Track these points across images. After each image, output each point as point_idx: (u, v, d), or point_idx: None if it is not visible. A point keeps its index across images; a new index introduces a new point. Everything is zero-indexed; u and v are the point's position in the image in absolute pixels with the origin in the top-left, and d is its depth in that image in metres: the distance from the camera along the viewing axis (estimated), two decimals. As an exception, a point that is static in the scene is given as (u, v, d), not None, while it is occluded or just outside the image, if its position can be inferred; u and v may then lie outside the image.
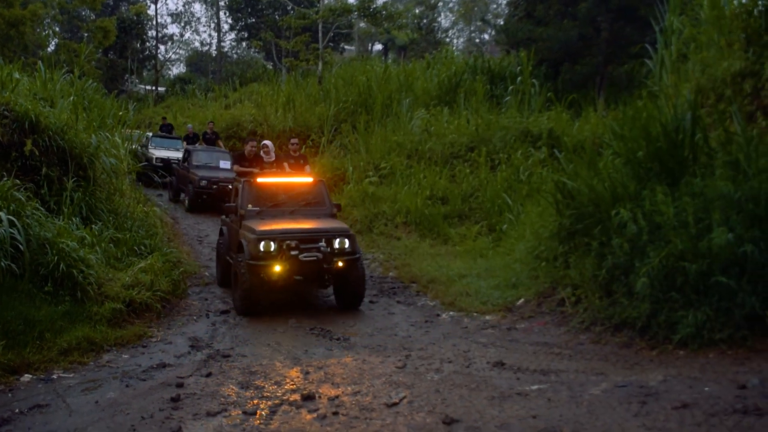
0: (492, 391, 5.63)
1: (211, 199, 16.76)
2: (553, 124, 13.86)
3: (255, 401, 5.68)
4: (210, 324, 8.44)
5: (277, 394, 5.84)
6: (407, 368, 6.48)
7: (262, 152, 11.17)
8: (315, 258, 8.61)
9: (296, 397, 5.73)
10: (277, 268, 8.53)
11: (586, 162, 8.45)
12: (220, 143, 20.72)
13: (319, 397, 5.71)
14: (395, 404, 5.45)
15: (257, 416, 5.32)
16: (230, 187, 16.10)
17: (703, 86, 8.69)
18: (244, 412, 5.40)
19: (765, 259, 5.92)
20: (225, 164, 17.74)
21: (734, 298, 5.96)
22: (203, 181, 16.97)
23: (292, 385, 6.09)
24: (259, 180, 9.83)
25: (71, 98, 11.83)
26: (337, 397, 5.71)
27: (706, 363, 5.75)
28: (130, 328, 7.77)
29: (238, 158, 11.11)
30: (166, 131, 23.35)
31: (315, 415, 5.30)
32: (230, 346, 7.47)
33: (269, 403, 5.63)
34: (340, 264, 8.75)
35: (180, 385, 6.06)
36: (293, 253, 8.58)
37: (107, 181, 11.04)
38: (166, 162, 20.31)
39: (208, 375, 6.40)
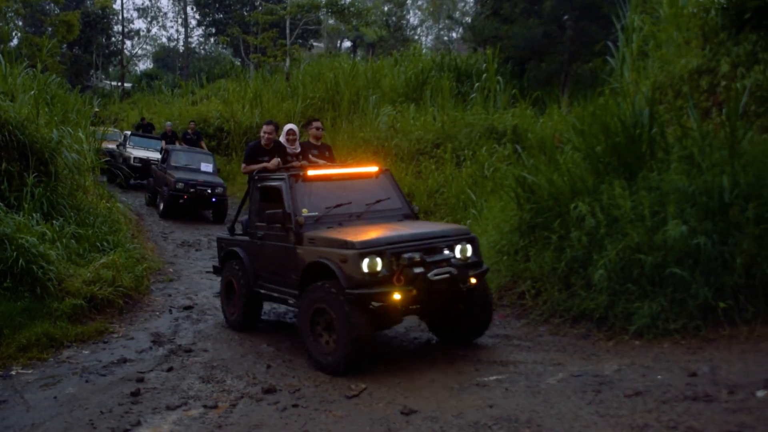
0: (451, 382, 5.70)
1: (188, 204, 15.62)
2: (518, 121, 13.97)
3: (216, 395, 5.70)
4: (173, 320, 8.38)
5: (238, 388, 5.85)
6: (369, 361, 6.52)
7: (284, 140, 8.35)
8: (448, 275, 6.13)
9: (257, 390, 5.75)
10: (397, 297, 5.92)
11: (546, 157, 8.57)
12: (203, 144, 19.29)
13: (280, 389, 5.74)
14: (355, 396, 5.50)
15: (217, 409, 5.34)
16: (208, 192, 15.41)
17: (661, 83, 8.87)
18: (204, 406, 5.42)
19: (717, 251, 6.07)
20: (207, 167, 16.59)
21: (688, 289, 6.09)
22: (179, 184, 15.35)
23: (254, 378, 6.11)
24: (311, 173, 7.15)
25: (33, 93, 11.66)
26: (298, 389, 5.74)
27: (660, 352, 5.88)
28: (91, 324, 7.70)
29: (253, 150, 8.02)
30: (146, 131, 22.12)
31: (275, 407, 5.33)
32: (192, 341, 7.44)
33: (230, 396, 5.65)
34: (473, 281, 6.45)
35: (140, 380, 6.06)
36: (416, 270, 6.01)
37: (69, 177, 10.90)
38: (145, 162, 18.91)
39: (169, 370, 6.39)
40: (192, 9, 44.17)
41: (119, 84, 41.63)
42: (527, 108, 14.85)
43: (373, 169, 7.63)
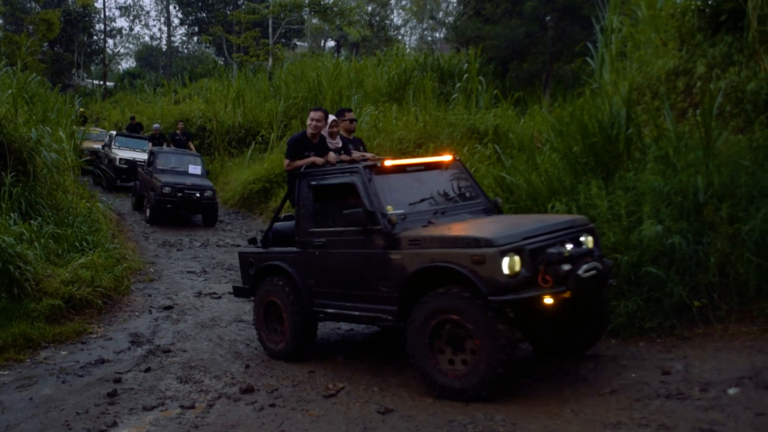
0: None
1: (176, 209, 15.04)
2: (500, 121, 14.02)
3: (193, 395, 5.69)
4: (152, 320, 8.36)
5: (216, 388, 5.85)
6: (347, 361, 6.54)
7: (326, 132, 7.27)
8: (595, 272, 5.26)
9: (235, 390, 5.75)
10: (549, 301, 5.02)
11: (525, 157, 8.63)
12: (192, 146, 18.50)
13: (258, 389, 5.75)
14: (333, 395, 5.52)
15: (194, 410, 5.33)
16: (197, 195, 14.91)
17: (639, 84, 8.95)
18: (182, 406, 5.41)
19: (692, 250, 6.13)
20: (196, 169, 15.99)
21: (663, 288, 6.15)
22: (167, 188, 14.67)
23: (232, 378, 6.11)
24: (388, 163, 6.20)
25: (11, 91, 11.56)
26: (276, 389, 5.75)
27: (636, 351, 5.94)
28: (69, 325, 7.68)
29: (297, 143, 6.90)
30: (134, 131, 21.42)
31: (252, 407, 5.33)
32: (171, 341, 7.43)
33: (207, 396, 5.65)
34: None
35: (117, 381, 6.05)
36: (564, 268, 5.12)
37: (49, 177, 10.83)
38: (131, 164, 18.38)
39: (147, 370, 6.38)
40: (174, 8, 43.95)
41: (101, 83, 41.34)
42: (509, 108, 14.91)
43: (447, 158, 6.69)
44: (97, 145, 20.63)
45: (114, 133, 20.80)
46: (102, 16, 43.62)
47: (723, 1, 7.99)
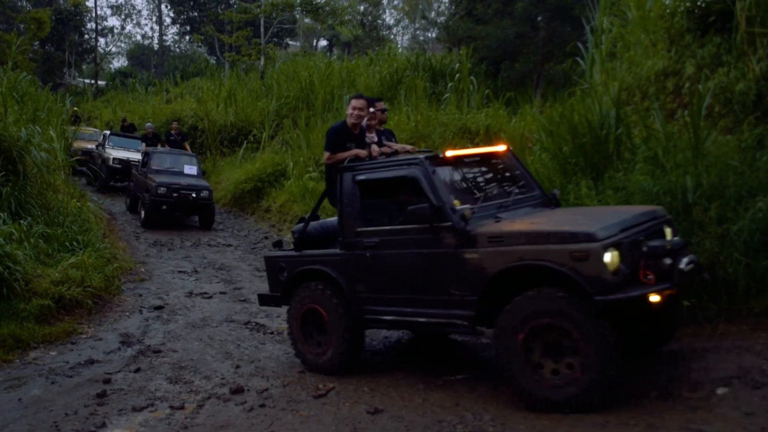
0: (418, 381, 5.73)
1: (171, 211, 14.78)
2: (491, 121, 14.06)
3: (183, 396, 5.69)
4: (143, 320, 8.34)
5: (206, 389, 5.85)
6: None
7: (364, 124, 6.70)
8: (693, 266, 4.87)
9: (225, 390, 5.75)
10: (655, 299, 4.57)
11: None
12: (187, 146, 18.12)
13: (248, 390, 5.75)
14: (322, 395, 5.52)
15: (184, 410, 5.33)
16: (192, 196, 14.45)
17: (629, 84, 8.97)
18: (171, 407, 5.41)
19: (680, 250, 6.15)
20: (191, 170, 15.69)
21: (652, 288, 6.16)
22: (161, 188, 14.37)
23: (222, 379, 6.10)
24: (449, 154, 5.66)
25: (0, 90, 11.50)
26: (266, 389, 5.75)
27: (625, 351, 5.95)
28: (59, 325, 7.65)
29: (339, 134, 6.36)
30: (127, 132, 21.21)
31: (242, 407, 5.33)
32: (162, 341, 7.41)
33: (197, 397, 5.64)
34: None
35: (107, 381, 6.03)
36: (666, 262, 4.71)
37: (39, 176, 10.79)
38: (125, 164, 18.06)
39: (137, 371, 6.36)
40: (166, 7, 43.88)
41: (93, 82, 41.22)
42: (500, 108, 14.95)
43: (501, 148, 6.24)
44: (91, 145, 20.44)
45: (108, 132, 20.54)
46: (93, 14, 43.54)
47: (712, 2, 8.02)
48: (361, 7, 40.09)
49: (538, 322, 4.67)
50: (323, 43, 46.73)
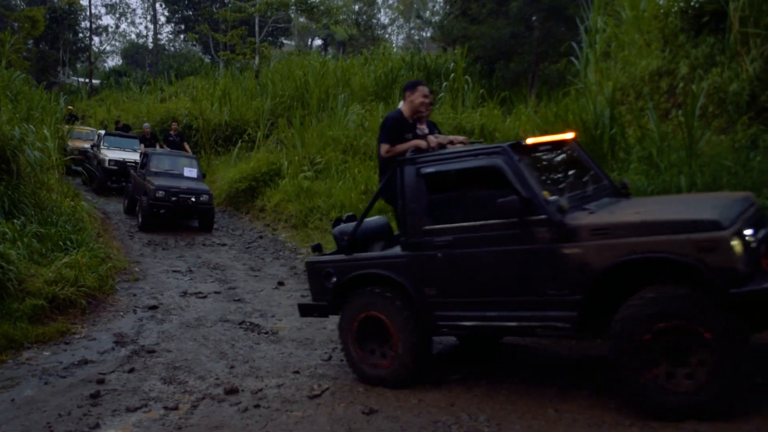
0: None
1: (170, 214, 14.36)
2: (486, 121, 14.09)
3: (177, 396, 5.66)
4: (137, 320, 8.31)
5: (200, 389, 5.83)
6: (333, 360, 6.54)
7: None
8: None
9: (219, 391, 5.73)
10: None
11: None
12: (187, 147, 17.77)
13: (243, 390, 5.73)
14: (317, 396, 5.51)
15: (178, 411, 5.31)
16: (192, 200, 13.89)
17: (623, 84, 9.02)
18: (165, 407, 5.38)
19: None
20: (191, 172, 15.23)
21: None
22: (160, 192, 13.86)
23: (216, 379, 6.08)
24: (530, 141, 5.22)
25: (-7, 89, 11.52)
26: (260, 390, 5.74)
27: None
28: (52, 325, 7.61)
29: (397, 124, 5.92)
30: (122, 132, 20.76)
31: (236, 408, 5.31)
32: (156, 341, 7.39)
33: (191, 397, 5.62)
34: None
35: (101, 382, 6.00)
36: None
37: (32, 175, 10.76)
38: (121, 165, 17.66)
39: (131, 371, 6.34)
40: (161, 6, 43.90)
41: (87, 80, 41.12)
42: (495, 107, 14.98)
43: (569, 135, 5.75)
44: (87, 145, 20.18)
45: (103, 132, 20.23)
46: (88, 13, 43.42)
47: (705, 2, 8.06)
48: (356, 7, 40.07)
49: (662, 325, 4.22)
50: (318, 42, 46.75)
